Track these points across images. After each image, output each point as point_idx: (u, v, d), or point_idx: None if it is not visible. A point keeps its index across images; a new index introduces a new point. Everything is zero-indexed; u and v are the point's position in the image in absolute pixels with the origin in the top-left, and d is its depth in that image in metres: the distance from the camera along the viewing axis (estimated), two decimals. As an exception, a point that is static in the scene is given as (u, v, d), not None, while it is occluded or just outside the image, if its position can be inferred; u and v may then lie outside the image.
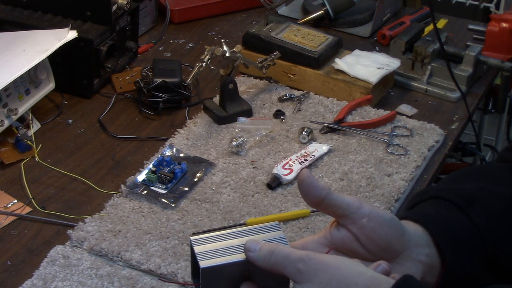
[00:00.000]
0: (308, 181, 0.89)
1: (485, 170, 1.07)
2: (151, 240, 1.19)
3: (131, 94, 1.58)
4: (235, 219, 1.24)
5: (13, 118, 1.40)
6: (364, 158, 1.39)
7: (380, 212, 0.90)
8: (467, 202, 0.97)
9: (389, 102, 1.59)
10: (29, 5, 1.58)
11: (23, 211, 1.27)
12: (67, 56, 1.51)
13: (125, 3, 1.57)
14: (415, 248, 0.91)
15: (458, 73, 1.59)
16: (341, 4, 1.82)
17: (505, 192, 0.99)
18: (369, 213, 0.89)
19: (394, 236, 0.89)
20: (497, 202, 0.98)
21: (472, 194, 0.99)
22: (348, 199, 0.90)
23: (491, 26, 1.72)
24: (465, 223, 0.96)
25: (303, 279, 0.83)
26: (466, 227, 0.95)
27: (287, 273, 0.84)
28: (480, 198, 0.98)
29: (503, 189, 1.00)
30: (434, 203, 0.99)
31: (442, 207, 0.97)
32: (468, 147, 1.94)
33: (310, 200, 0.90)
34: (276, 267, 0.85)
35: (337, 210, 0.90)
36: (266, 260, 0.85)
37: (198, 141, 1.43)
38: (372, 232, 0.88)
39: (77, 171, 1.37)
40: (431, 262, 0.92)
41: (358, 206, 0.89)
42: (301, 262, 0.84)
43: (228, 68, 1.50)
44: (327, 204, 0.89)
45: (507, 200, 0.98)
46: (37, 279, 1.12)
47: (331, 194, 0.89)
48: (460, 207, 0.96)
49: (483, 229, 0.95)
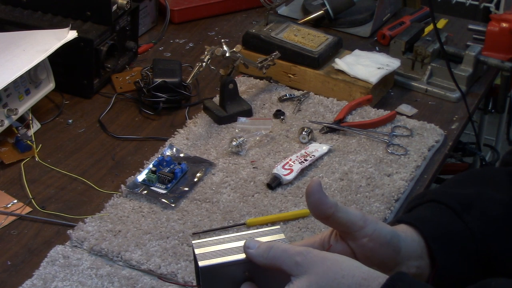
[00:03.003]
0: (317, 196, 0.90)
1: (485, 174, 1.07)
2: (151, 240, 1.19)
3: (131, 94, 1.58)
4: (235, 219, 1.24)
5: (13, 118, 1.40)
6: (364, 158, 1.39)
7: (382, 231, 0.91)
8: (463, 206, 0.98)
9: (389, 102, 1.59)
10: (29, 5, 1.58)
11: (23, 211, 1.27)
12: (67, 56, 1.51)
13: (125, 3, 1.57)
14: (407, 261, 0.93)
15: (458, 73, 1.59)
16: (341, 4, 1.82)
17: (502, 198, 1.00)
18: (371, 233, 0.91)
19: (391, 256, 0.91)
20: (494, 207, 0.99)
21: (469, 198, 0.99)
22: (353, 217, 0.90)
23: (491, 26, 1.72)
24: (459, 228, 0.96)
25: (300, 271, 0.84)
26: (461, 231, 0.96)
27: (285, 267, 0.85)
28: (476, 202, 0.99)
29: (500, 194, 1.01)
30: (431, 206, 1.00)
31: (438, 211, 0.98)
32: (468, 147, 1.94)
33: (316, 215, 0.91)
34: (274, 262, 0.85)
35: (341, 228, 0.91)
36: (265, 255, 0.86)
37: (198, 141, 1.43)
38: (370, 252, 0.90)
39: (77, 171, 1.37)
40: (421, 273, 0.94)
41: (362, 225, 0.90)
42: (299, 255, 0.85)
43: (228, 68, 1.50)
44: (332, 221, 0.90)
45: (503, 206, 0.99)
46: (37, 279, 1.12)
47: (338, 211, 0.90)
48: (455, 211, 0.97)
49: (478, 234, 0.96)
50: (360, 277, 0.83)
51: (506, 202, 1.00)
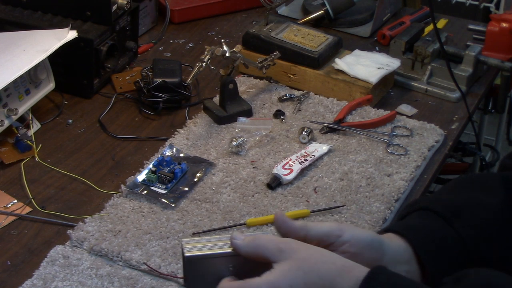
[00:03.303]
0: (284, 226, 0.93)
1: (478, 180, 1.08)
2: (151, 240, 1.19)
3: (131, 94, 1.58)
4: (235, 219, 1.24)
5: (13, 118, 1.40)
6: (364, 158, 1.39)
7: (361, 236, 0.94)
8: (453, 213, 0.99)
9: (389, 102, 1.59)
10: (29, 5, 1.58)
11: (23, 211, 1.27)
12: (67, 56, 1.51)
13: (125, 3, 1.57)
14: (395, 265, 0.94)
15: (458, 73, 1.59)
16: (341, 4, 1.82)
17: (492, 202, 1.01)
18: (350, 239, 0.93)
19: (375, 259, 0.93)
20: (484, 212, 1.00)
21: (459, 205, 1.01)
22: (327, 229, 0.93)
23: (491, 26, 1.72)
24: (449, 234, 0.98)
25: (282, 257, 0.86)
26: (451, 238, 0.97)
27: (269, 254, 0.87)
28: (466, 208, 1.00)
29: (491, 198, 1.02)
30: (421, 214, 1.01)
31: (428, 219, 1.00)
32: (468, 147, 1.94)
33: None
34: (258, 250, 0.87)
35: (320, 242, 0.92)
36: (250, 245, 0.88)
37: (198, 141, 1.43)
38: (354, 257, 0.91)
39: (77, 171, 1.37)
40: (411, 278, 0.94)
41: (338, 234, 0.93)
42: (283, 243, 0.87)
43: (228, 68, 1.50)
44: (309, 240, 0.92)
45: (494, 210, 1.00)
46: (37, 279, 1.12)
47: (310, 231, 0.92)
48: (445, 218, 0.99)
49: (468, 239, 0.97)
50: (341, 265, 0.86)
51: (497, 206, 1.00)
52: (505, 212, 1.00)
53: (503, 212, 1.00)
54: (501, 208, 1.00)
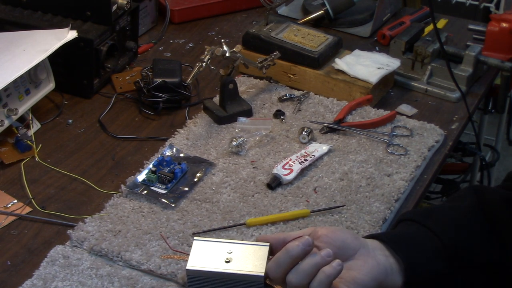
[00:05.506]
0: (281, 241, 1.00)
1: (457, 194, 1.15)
2: (151, 240, 1.19)
3: (131, 94, 1.58)
4: (235, 219, 1.24)
5: (13, 118, 1.40)
6: (364, 158, 1.39)
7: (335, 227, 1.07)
8: (424, 216, 1.07)
9: (389, 102, 1.59)
10: (29, 5, 1.58)
11: (23, 211, 1.27)
12: (67, 56, 1.51)
13: (125, 3, 1.57)
14: (374, 250, 1.02)
15: (458, 73, 1.59)
16: (341, 4, 1.82)
17: (461, 205, 1.09)
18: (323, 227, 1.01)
19: (348, 236, 1.01)
20: (453, 212, 1.08)
21: (431, 210, 1.09)
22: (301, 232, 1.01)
23: (491, 26, 1.72)
24: (423, 232, 1.05)
25: None
26: (424, 234, 1.04)
27: None
28: (437, 211, 1.08)
29: (460, 203, 1.10)
30: (400, 225, 1.09)
31: (404, 226, 1.08)
32: (468, 147, 1.95)
33: None
34: None
35: None
36: None
37: (198, 141, 1.43)
38: (327, 237, 0.99)
39: (77, 171, 1.37)
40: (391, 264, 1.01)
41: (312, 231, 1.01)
42: None
43: (228, 68, 1.50)
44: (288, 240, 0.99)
45: (462, 211, 1.08)
46: (37, 279, 1.12)
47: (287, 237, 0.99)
48: (418, 221, 1.06)
49: (441, 234, 1.03)
50: None
51: (466, 208, 1.08)
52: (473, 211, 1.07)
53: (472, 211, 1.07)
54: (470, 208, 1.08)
